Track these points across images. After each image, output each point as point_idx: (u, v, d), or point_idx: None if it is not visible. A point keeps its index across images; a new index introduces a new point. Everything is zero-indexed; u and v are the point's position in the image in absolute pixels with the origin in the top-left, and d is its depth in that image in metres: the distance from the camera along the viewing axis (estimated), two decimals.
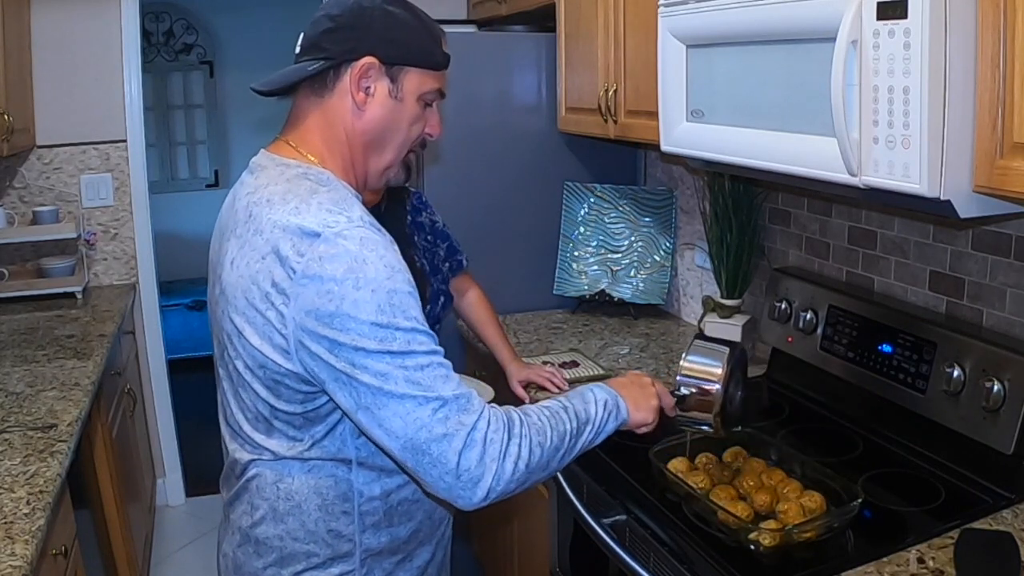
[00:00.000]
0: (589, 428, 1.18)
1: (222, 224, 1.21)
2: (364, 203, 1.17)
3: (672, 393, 1.37)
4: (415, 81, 1.17)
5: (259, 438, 1.16)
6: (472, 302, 2.08)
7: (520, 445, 1.06)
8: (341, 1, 1.17)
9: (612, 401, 1.22)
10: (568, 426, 1.14)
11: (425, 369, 1.03)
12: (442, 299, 1.94)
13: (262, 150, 1.22)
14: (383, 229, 1.10)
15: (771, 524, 1.34)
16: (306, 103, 1.18)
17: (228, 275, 1.10)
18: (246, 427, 1.17)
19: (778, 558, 1.30)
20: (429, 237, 1.96)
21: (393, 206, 1.85)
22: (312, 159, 1.16)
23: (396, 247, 1.08)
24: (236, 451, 1.22)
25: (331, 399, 1.08)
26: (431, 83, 1.19)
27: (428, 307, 1.87)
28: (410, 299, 1.04)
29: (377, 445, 1.08)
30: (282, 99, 1.22)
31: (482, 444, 1.03)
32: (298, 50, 1.19)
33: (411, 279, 1.06)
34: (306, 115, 1.18)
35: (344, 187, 1.14)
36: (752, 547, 1.31)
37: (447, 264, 1.98)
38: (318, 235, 1.03)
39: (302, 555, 1.17)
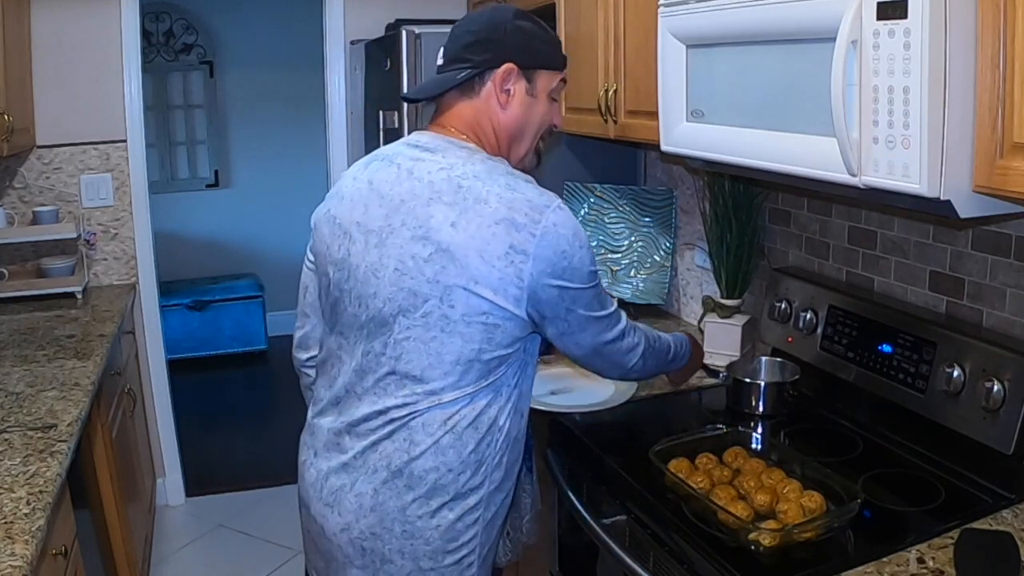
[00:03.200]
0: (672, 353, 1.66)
1: (389, 192, 1.35)
2: None
3: None
4: (545, 80, 1.43)
5: (445, 382, 1.31)
6: None
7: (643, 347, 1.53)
8: (477, 19, 1.42)
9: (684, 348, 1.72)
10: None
11: (602, 295, 1.41)
12: None
13: (424, 132, 1.42)
14: None
15: (771, 524, 1.34)
16: (455, 103, 1.41)
17: (452, 236, 1.28)
18: (434, 373, 1.31)
19: (778, 558, 1.30)
20: None
21: None
22: (472, 144, 1.39)
23: None
24: (400, 397, 1.33)
25: (534, 333, 1.37)
26: (556, 80, 1.45)
27: None
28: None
29: (566, 354, 1.45)
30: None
31: (630, 344, 1.50)
32: (440, 62, 1.42)
33: None
34: (457, 113, 1.41)
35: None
36: (752, 547, 1.31)
37: None
38: (548, 207, 1.30)
39: (450, 487, 1.34)
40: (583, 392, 1.94)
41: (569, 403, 1.89)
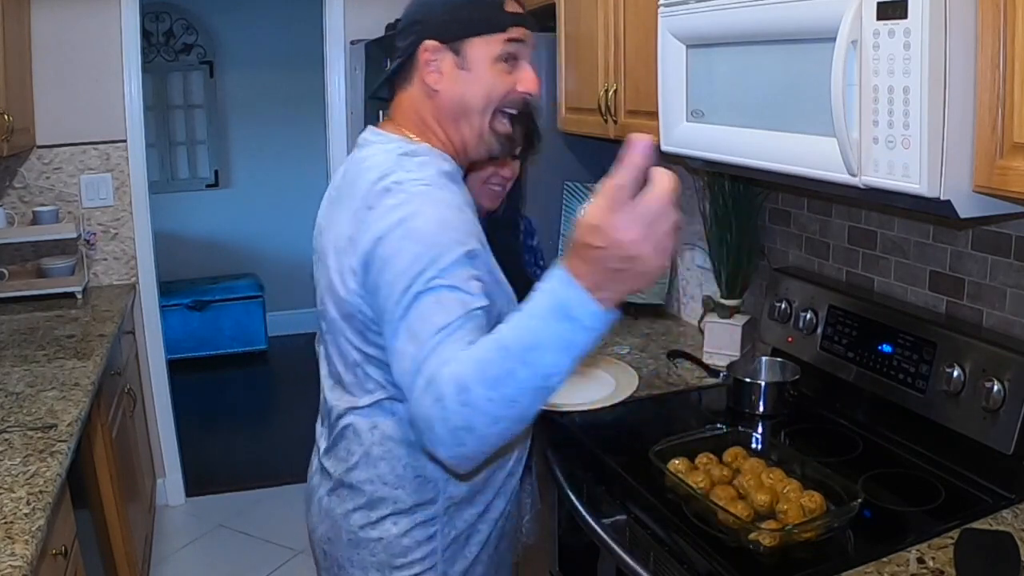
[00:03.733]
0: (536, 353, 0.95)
1: (330, 195, 1.35)
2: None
3: None
4: (481, 48, 1.26)
5: (355, 385, 1.27)
6: None
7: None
8: (410, 3, 1.32)
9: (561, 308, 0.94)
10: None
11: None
12: None
13: (369, 126, 1.36)
14: (460, 184, 1.26)
15: (771, 524, 1.34)
16: (398, 96, 1.33)
17: (327, 235, 1.26)
18: (346, 376, 1.28)
19: (778, 558, 1.30)
20: (542, 261, 2.03)
21: (504, 231, 1.87)
22: (413, 136, 1.29)
23: (468, 208, 1.21)
24: (334, 400, 1.33)
25: None
26: (499, 44, 1.26)
27: None
28: (453, 252, 1.10)
29: None
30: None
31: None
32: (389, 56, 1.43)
33: (471, 238, 1.15)
34: (401, 103, 1.32)
35: (439, 156, 1.27)
36: (752, 547, 1.30)
37: None
38: (388, 190, 1.17)
39: (389, 500, 1.28)
40: (583, 390, 1.94)
41: (569, 401, 1.88)
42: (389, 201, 1.15)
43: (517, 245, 1.95)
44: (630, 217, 0.88)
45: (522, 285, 1.86)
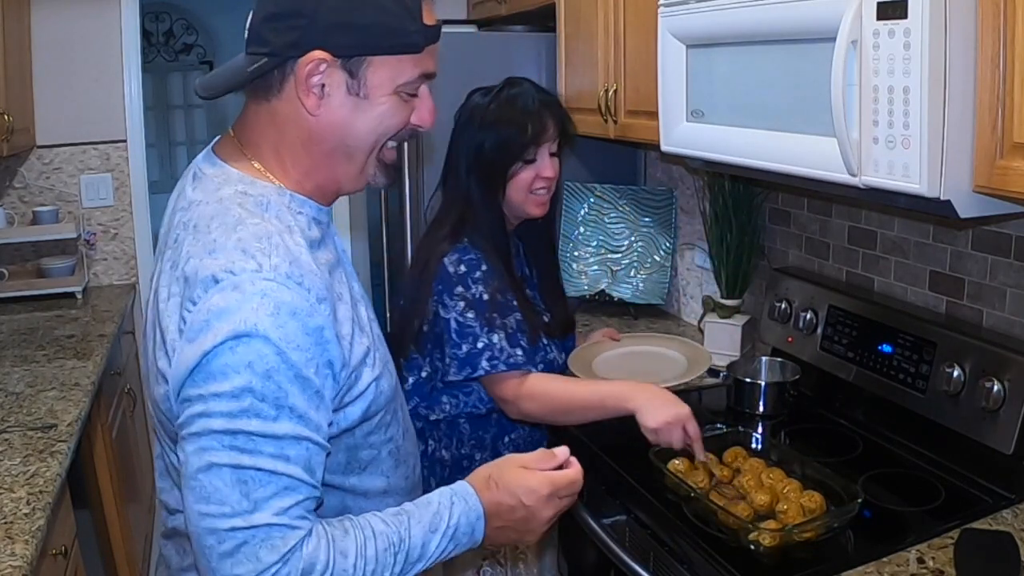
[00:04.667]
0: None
1: (160, 244, 1.06)
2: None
3: None
4: (384, 71, 0.97)
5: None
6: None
7: None
8: None
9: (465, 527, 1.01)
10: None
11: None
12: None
13: (209, 148, 1.06)
14: (308, 280, 0.92)
15: (771, 524, 1.34)
16: (254, 104, 1.01)
17: (152, 298, 0.98)
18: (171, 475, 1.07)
19: (778, 558, 1.30)
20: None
21: (543, 234, 1.84)
22: (260, 168, 1.01)
23: (319, 306, 0.92)
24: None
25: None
26: (410, 70, 0.98)
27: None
28: (294, 382, 0.88)
29: None
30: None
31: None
32: (246, 37, 0.98)
33: (316, 360, 0.91)
34: (256, 118, 1.01)
35: (293, 207, 1.00)
36: (752, 547, 1.30)
37: None
38: (217, 282, 0.89)
39: None
40: (653, 372, 1.86)
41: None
42: (216, 300, 0.88)
43: (553, 241, 1.89)
44: (553, 503, 1.04)
45: (551, 285, 1.83)
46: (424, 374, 1.70)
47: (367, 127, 0.99)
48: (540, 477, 1.03)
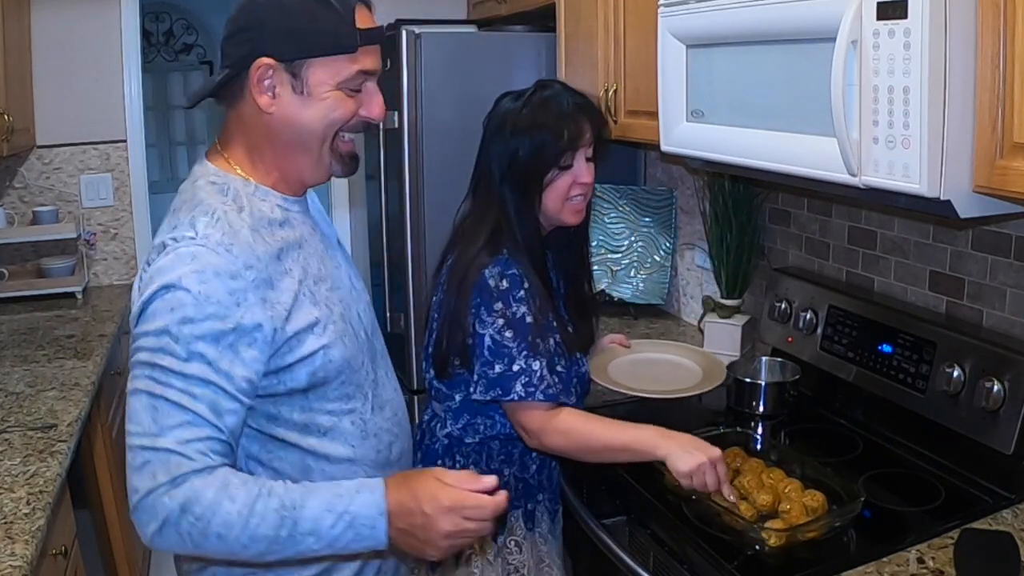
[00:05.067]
0: (313, 540, 1.05)
1: None
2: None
3: None
4: (323, 71, 1.11)
5: None
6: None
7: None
8: (238, 1, 1.16)
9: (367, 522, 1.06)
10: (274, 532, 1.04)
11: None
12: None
13: (203, 152, 1.25)
14: (238, 249, 1.08)
15: (777, 524, 1.34)
16: (228, 111, 1.20)
17: None
18: None
19: (779, 558, 1.30)
20: None
21: (568, 251, 1.73)
22: (236, 168, 1.18)
23: (245, 272, 1.07)
24: None
25: None
26: (347, 68, 1.12)
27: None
28: (209, 338, 1.04)
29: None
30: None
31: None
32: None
33: (235, 320, 1.05)
34: (229, 122, 1.20)
35: (244, 199, 1.15)
36: (755, 547, 1.30)
37: None
38: (164, 247, 1.08)
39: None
40: (666, 380, 1.85)
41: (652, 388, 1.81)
42: (160, 262, 1.06)
43: (584, 250, 1.77)
44: (451, 519, 1.06)
45: (578, 297, 1.77)
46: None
47: (314, 120, 1.14)
48: (448, 490, 1.07)
